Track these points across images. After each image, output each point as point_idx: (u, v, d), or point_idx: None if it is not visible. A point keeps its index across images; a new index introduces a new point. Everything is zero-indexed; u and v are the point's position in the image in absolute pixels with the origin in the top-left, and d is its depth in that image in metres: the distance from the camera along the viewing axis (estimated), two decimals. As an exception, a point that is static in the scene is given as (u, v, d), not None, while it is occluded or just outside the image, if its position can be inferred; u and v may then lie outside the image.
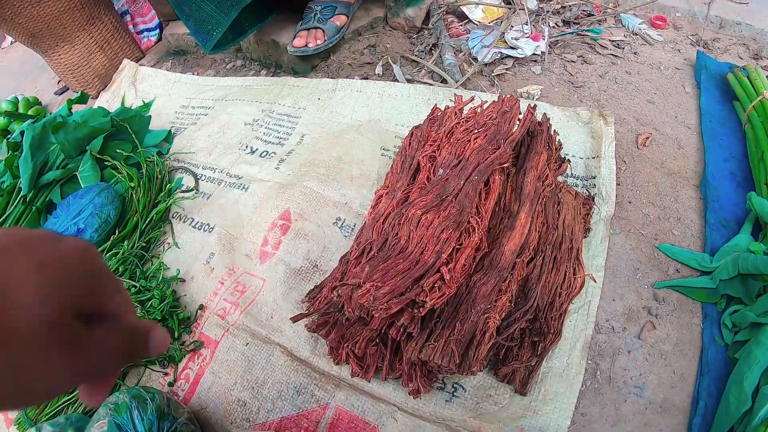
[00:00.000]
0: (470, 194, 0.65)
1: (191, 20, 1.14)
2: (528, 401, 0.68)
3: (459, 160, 0.69)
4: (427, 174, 0.72)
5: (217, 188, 1.04)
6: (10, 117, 1.44)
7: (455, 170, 0.68)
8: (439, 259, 0.59)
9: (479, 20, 1.19)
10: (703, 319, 0.75)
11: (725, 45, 1.14)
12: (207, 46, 1.17)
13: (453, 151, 0.71)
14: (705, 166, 0.90)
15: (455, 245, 0.62)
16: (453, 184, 0.66)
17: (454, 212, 0.63)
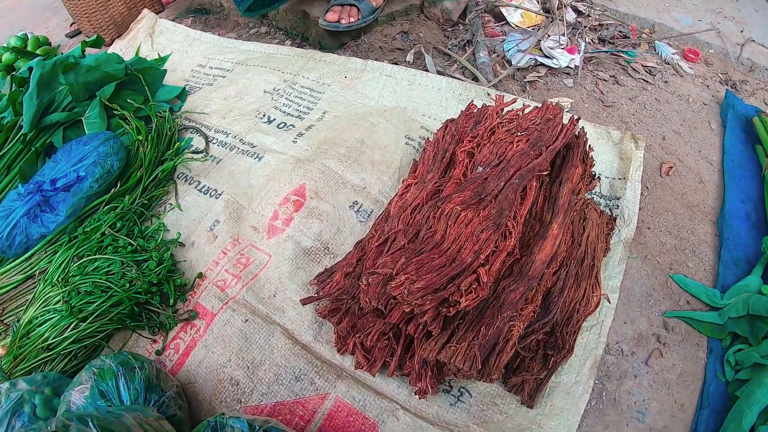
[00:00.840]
0: (510, 197, 0.63)
1: None
2: (534, 414, 0.66)
3: (500, 160, 0.68)
4: (463, 170, 0.70)
5: (228, 153, 1.00)
6: (17, 54, 1.37)
7: (496, 170, 0.66)
8: (476, 259, 0.57)
9: (517, 24, 1.18)
10: (708, 354, 0.75)
11: (753, 88, 1.15)
12: (242, 6, 1.11)
13: (495, 151, 0.69)
14: (723, 204, 0.91)
15: (493, 248, 0.60)
16: (492, 184, 0.64)
17: (494, 213, 0.61)
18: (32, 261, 0.88)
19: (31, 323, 0.78)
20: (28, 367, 0.75)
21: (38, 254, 0.88)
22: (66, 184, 0.91)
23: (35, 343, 0.75)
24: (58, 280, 0.81)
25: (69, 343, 0.76)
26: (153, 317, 0.80)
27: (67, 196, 0.90)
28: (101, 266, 0.83)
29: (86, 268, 0.83)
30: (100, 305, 0.77)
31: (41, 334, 0.76)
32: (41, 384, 0.70)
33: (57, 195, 0.91)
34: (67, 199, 0.90)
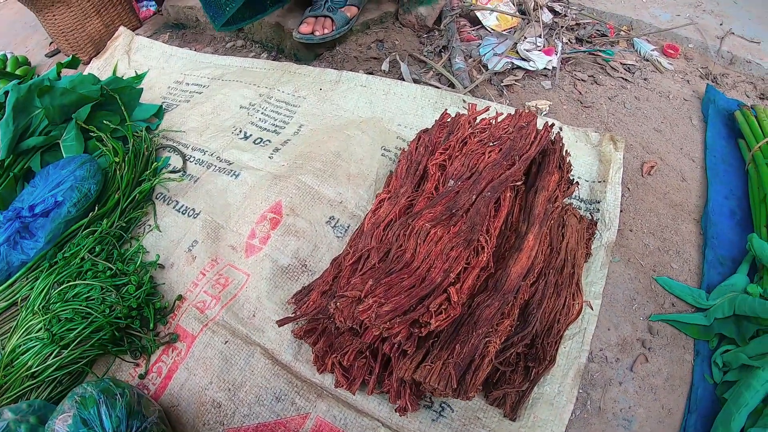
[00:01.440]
0: (482, 211, 0.62)
1: None
2: (517, 427, 0.65)
3: (472, 173, 0.67)
4: (435, 183, 0.69)
5: (205, 172, 0.99)
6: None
7: (467, 183, 0.65)
8: (446, 278, 0.56)
9: (493, 27, 1.17)
10: (694, 356, 0.74)
11: (733, 81, 1.14)
12: (218, 22, 1.11)
13: (466, 163, 0.68)
14: (706, 202, 0.90)
15: (464, 264, 0.59)
16: (464, 198, 0.63)
17: (465, 229, 0.60)
18: (14, 288, 0.87)
19: (14, 351, 0.77)
20: (14, 396, 0.74)
21: (20, 281, 0.88)
22: (44, 210, 0.91)
23: (19, 372, 0.75)
24: (39, 307, 0.81)
25: (53, 370, 0.75)
26: (135, 341, 0.80)
27: (45, 222, 0.89)
28: (81, 292, 0.82)
29: (66, 295, 0.82)
30: (80, 332, 0.76)
31: (24, 362, 0.75)
32: (26, 413, 0.69)
33: (36, 221, 0.90)
34: (46, 225, 0.89)
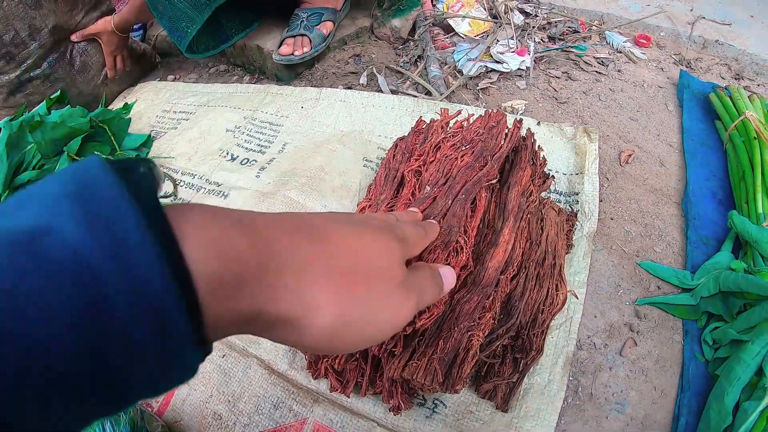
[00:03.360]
0: (458, 213, 0.64)
1: (165, 18, 1.12)
2: (509, 418, 0.67)
3: (447, 178, 0.68)
4: (411, 189, 0.71)
5: (196, 194, 1.02)
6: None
7: (443, 189, 0.67)
8: None
9: (465, 33, 1.20)
10: (684, 336, 0.75)
11: (708, 65, 1.16)
12: (182, 45, 1.15)
13: (441, 169, 0.70)
14: (686, 185, 0.91)
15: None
16: (441, 203, 0.65)
17: (442, 232, 0.62)
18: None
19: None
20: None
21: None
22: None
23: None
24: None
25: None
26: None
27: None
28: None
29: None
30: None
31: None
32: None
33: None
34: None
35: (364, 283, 0.31)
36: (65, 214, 0.20)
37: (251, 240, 0.26)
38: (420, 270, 0.43)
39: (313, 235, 0.30)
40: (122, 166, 0.23)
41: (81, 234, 0.19)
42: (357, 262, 0.32)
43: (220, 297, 0.23)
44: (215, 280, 0.23)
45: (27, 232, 0.19)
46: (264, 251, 0.26)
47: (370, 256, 0.33)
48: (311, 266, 0.28)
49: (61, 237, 0.19)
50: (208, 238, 0.24)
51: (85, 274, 0.19)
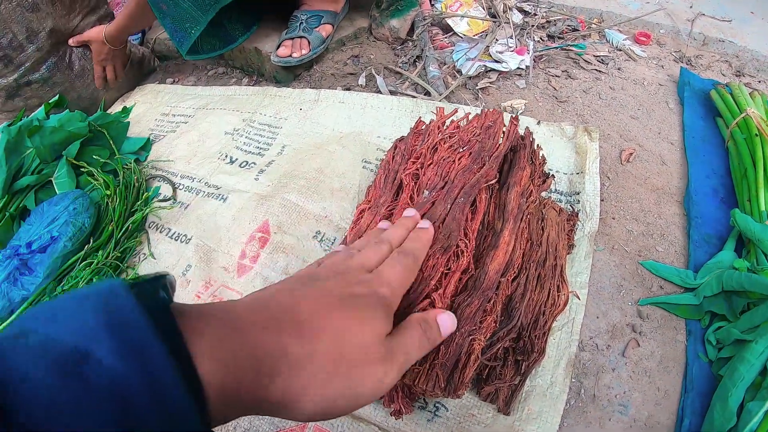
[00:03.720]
0: (457, 217, 0.64)
1: (168, 18, 1.11)
2: (511, 421, 0.66)
3: (445, 182, 0.68)
4: (410, 193, 0.70)
5: (195, 198, 1.01)
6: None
7: (441, 193, 0.66)
8: (427, 285, 0.58)
9: (464, 33, 1.19)
10: (687, 336, 0.75)
11: (708, 62, 1.15)
12: (184, 47, 1.14)
13: (439, 172, 0.69)
14: (688, 183, 0.90)
15: (443, 270, 0.60)
16: (440, 208, 0.65)
17: (441, 237, 0.62)
18: (16, 326, 0.90)
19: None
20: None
21: (21, 318, 0.90)
22: (41, 246, 0.93)
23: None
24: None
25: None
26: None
27: (43, 258, 0.92)
28: (80, 324, 0.84)
29: (66, 328, 0.84)
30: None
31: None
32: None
33: (34, 257, 0.93)
34: (44, 260, 0.92)
35: (345, 371, 0.36)
36: (103, 342, 0.25)
37: (250, 352, 0.31)
38: (408, 333, 0.46)
39: (297, 330, 0.35)
40: (145, 288, 0.29)
41: (116, 362, 0.24)
42: (340, 355, 0.36)
43: (226, 401, 0.29)
44: (221, 388, 0.29)
45: (71, 354, 0.24)
46: (259, 357, 0.32)
47: (353, 346, 0.37)
48: (297, 366, 0.34)
49: (100, 364, 0.24)
50: (214, 354, 0.29)
51: (121, 398, 0.24)
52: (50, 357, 0.24)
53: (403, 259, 0.52)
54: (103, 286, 0.28)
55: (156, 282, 0.31)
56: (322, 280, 0.43)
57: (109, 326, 0.25)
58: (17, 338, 0.25)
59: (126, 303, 0.27)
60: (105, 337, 0.25)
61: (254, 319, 0.34)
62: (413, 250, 0.55)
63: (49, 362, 0.23)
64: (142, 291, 0.29)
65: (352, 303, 0.40)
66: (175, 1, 1.08)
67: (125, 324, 0.26)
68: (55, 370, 0.23)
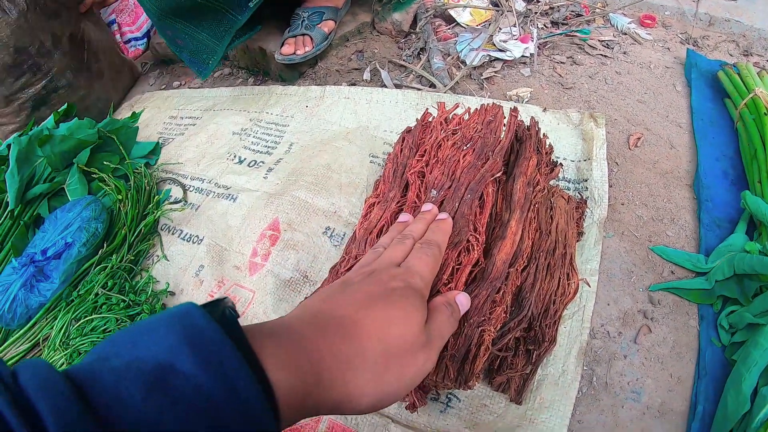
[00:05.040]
0: (466, 214, 0.65)
1: (186, 52, 1.13)
2: (523, 410, 0.67)
3: (452, 181, 0.69)
4: (416, 191, 0.71)
5: (205, 199, 1.03)
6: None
7: (449, 192, 0.67)
8: (439, 280, 0.58)
9: (467, 23, 1.18)
10: (699, 321, 0.74)
11: (715, 42, 1.14)
12: (204, 75, 1.16)
13: (445, 171, 0.70)
14: (697, 166, 0.90)
15: (454, 265, 0.61)
16: (448, 207, 0.66)
17: (452, 234, 0.63)
18: (35, 329, 0.92)
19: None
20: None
21: (40, 322, 0.92)
22: (56, 252, 0.95)
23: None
24: (60, 344, 0.85)
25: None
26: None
27: (58, 264, 0.94)
28: (98, 325, 0.87)
29: (84, 329, 0.87)
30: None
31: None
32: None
33: (49, 263, 0.95)
34: (59, 266, 0.94)
35: (394, 365, 0.39)
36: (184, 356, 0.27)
37: (308, 358, 0.34)
38: (439, 315, 0.49)
39: (347, 336, 0.38)
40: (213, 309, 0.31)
41: (200, 373, 0.26)
42: (387, 350, 0.39)
43: (293, 403, 0.32)
44: (290, 395, 0.31)
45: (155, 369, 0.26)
46: (317, 365, 0.34)
47: (398, 338, 0.40)
48: (351, 366, 0.36)
49: (184, 376, 0.26)
50: (282, 364, 0.32)
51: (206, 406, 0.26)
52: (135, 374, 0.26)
53: (428, 250, 0.55)
54: (177, 309, 0.30)
55: (220, 303, 0.33)
56: (357, 284, 0.46)
57: (188, 342, 0.27)
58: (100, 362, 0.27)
59: (201, 320, 0.29)
60: (186, 351, 0.27)
61: (307, 330, 0.37)
62: (436, 241, 0.58)
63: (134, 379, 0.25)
64: (212, 310, 0.31)
65: (390, 298, 0.43)
66: (191, 35, 1.10)
67: (203, 339, 0.28)
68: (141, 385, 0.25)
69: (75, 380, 0.25)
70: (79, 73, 1.31)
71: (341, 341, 0.37)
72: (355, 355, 0.37)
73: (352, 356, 0.37)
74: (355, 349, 0.37)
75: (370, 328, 0.39)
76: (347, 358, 0.36)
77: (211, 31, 1.09)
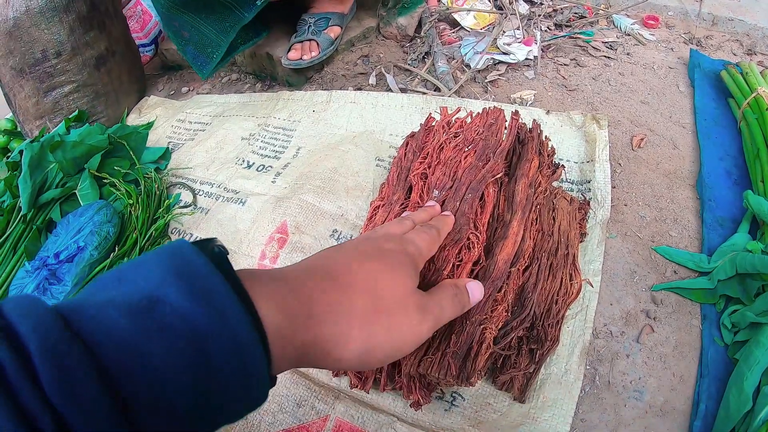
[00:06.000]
0: (466, 212, 0.66)
1: (191, 45, 1.15)
2: (527, 408, 0.68)
3: (453, 181, 0.70)
4: (419, 192, 0.73)
5: (215, 203, 1.05)
6: (9, 135, 1.46)
7: (450, 192, 0.69)
8: (440, 276, 0.60)
9: (471, 27, 1.20)
10: (702, 321, 0.75)
11: (718, 42, 1.14)
12: (205, 72, 1.18)
13: (447, 172, 0.71)
14: (700, 166, 0.90)
15: (455, 261, 0.62)
16: (449, 206, 0.67)
17: (453, 232, 0.64)
18: (49, 333, 0.94)
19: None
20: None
21: (54, 326, 0.94)
22: (68, 256, 0.97)
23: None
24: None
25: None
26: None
27: (70, 267, 0.96)
28: (111, 329, 0.89)
29: (97, 333, 0.88)
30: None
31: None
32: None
33: (62, 267, 0.97)
34: (71, 269, 0.96)
35: (383, 315, 0.39)
36: (172, 287, 0.27)
37: (297, 297, 0.34)
38: (442, 291, 0.50)
39: (337, 282, 0.38)
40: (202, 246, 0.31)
41: (187, 303, 0.26)
42: (376, 300, 0.39)
43: (282, 341, 0.31)
44: (278, 330, 0.31)
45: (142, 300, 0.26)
46: (306, 304, 0.34)
47: (387, 291, 0.40)
48: (340, 311, 0.36)
49: (171, 306, 0.26)
50: (271, 299, 0.32)
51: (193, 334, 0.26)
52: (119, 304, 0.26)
53: (427, 229, 0.56)
54: (167, 245, 0.30)
55: (210, 241, 0.33)
56: (354, 243, 0.47)
57: (176, 274, 0.27)
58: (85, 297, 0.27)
59: (190, 254, 0.29)
60: (173, 282, 0.27)
61: (298, 275, 0.37)
62: (436, 226, 0.59)
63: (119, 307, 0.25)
64: (202, 246, 0.31)
65: (382, 255, 0.44)
66: (197, 28, 1.12)
67: (192, 271, 0.28)
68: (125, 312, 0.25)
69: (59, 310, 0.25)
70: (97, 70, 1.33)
71: (330, 285, 0.37)
72: (344, 301, 0.37)
73: (341, 302, 0.37)
74: (344, 294, 0.37)
75: (359, 279, 0.39)
76: (336, 300, 0.37)
77: (217, 25, 1.12)
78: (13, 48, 1.21)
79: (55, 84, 1.27)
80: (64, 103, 1.30)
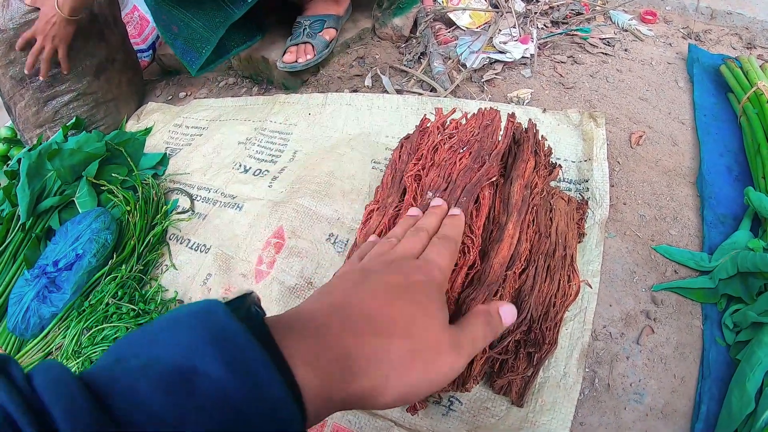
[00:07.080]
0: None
1: (180, 39, 1.14)
2: (525, 412, 0.67)
3: (447, 183, 0.69)
4: (413, 194, 0.72)
5: (212, 208, 1.04)
6: (9, 143, 1.47)
7: (444, 194, 0.68)
8: None
9: (467, 26, 1.19)
10: (703, 321, 0.74)
11: (717, 36, 1.13)
12: (194, 66, 1.17)
13: (441, 174, 0.70)
14: (700, 162, 0.89)
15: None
16: None
17: None
18: (48, 339, 0.95)
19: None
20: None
21: (53, 332, 0.95)
22: (67, 264, 0.98)
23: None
24: (72, 352, 0.88)
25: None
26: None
27: (69, 275, 0.97)
28: (109, 334, 0.90)
29: (96, 338, 0.90)
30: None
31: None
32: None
33: (61, 275, 0.98)
34: (70, 277, 0.96)
35: (419, 361, 0.38)
36: (208, 357, 0.26)
37: (333, 353, 0.34)
38: (474, 320, 0.49)
39: (371, 327, 0.38)
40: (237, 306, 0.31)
41: (224, 374, 0.26)
42: (412, 344, 0.38)
43: (318, 401, 0.31)
44: (315, 393, 0.31)
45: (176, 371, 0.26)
46: (343, 360, 0.34)
47: (422, 333, 0.40)
48: (377, 360, 0.36)
49: (208, 377, 0.26)
50: (308, 363, 0.31)
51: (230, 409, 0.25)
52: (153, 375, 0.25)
53: (446, 244, 0.55)
54: (199, 305, 0.30)
55: (245, 299, 0.33)
56: (379, 273, 0.45)
57: (212, 342, 0.27)
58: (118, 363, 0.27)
59: (225, 319, 0.28)
60: (210, 352, 0.26)
61: (331, 323, 0.36)
62: (453, 236, 0.58)
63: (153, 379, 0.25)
64: (236, 307, 0.31)
65: (414, 291, 0.43)
66: (186, 23, 1.11)
67: (227, 338, 0.27)
68: (160, 385, 0.25)
69: (90, 382, 0.24)
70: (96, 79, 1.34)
71: (366, 335, 0.37)
72: (380, 350, 0.37)
73: (377, 351, 0.36)
74: (381, 344, 0.37)
75: (396, 322, 0.39)
76: (373, 353, 0.36)
77: (206, 20, 1.11)
78: (13, 58, 1.22)
79: (55, 93, 1.28)
80: (65, 111, 1.31)
